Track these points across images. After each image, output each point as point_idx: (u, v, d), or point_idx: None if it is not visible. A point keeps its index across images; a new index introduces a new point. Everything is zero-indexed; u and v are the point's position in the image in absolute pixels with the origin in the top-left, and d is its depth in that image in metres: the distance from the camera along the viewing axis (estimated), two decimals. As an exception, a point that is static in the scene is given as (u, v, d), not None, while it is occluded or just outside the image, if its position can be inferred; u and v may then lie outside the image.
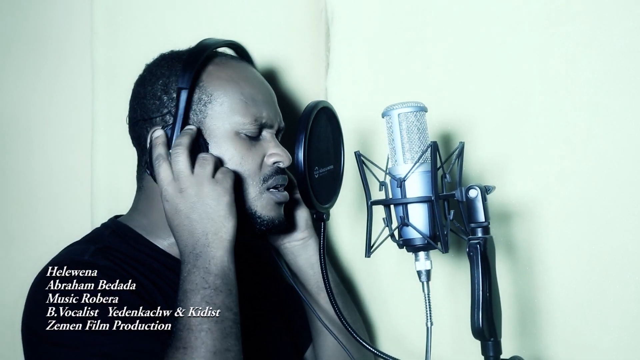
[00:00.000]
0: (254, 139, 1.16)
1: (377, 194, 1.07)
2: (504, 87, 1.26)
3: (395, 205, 1.03)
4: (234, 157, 1.13)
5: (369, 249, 1.06)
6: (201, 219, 1.04)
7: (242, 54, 1.29)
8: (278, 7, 1.48)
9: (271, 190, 1.16)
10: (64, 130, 1.68)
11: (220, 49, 1.25)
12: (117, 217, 1.22)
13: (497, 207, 1.24)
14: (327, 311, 1.23)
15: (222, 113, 1.14)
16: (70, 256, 1.09)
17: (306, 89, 1.46)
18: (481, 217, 0.95)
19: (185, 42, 1.41)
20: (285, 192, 1.20)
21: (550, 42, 1.21)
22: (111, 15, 1.55)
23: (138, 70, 1.31)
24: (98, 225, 1.23)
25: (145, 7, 1.53)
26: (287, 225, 1.22)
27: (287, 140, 1.44)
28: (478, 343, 0.92)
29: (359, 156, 1.07)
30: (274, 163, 1.17)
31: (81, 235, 1.20)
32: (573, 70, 1.19)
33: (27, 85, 1.70)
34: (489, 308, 0.90)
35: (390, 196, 1.06)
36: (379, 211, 1.07)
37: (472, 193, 0.95)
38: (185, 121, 1.12)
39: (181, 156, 1.06)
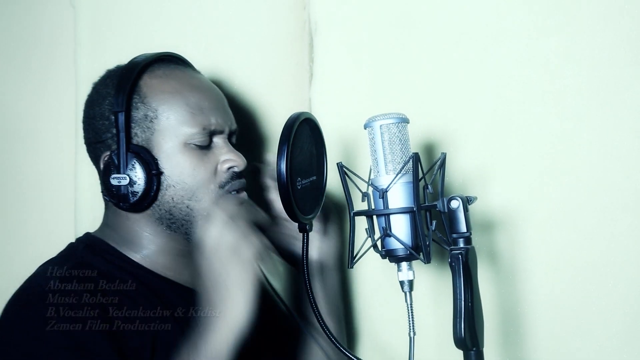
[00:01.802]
0: (205, 148, 1.17)
1: (360, 205, 1.08)
2: (486, 98, 1.26)
3: (378, 216, 1.04)
4: (185, 169, 1.14)
5: (352, 260, 1.06)
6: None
7: (182, 61, 1.28)
8: (261, 18, 1.48)
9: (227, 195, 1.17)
10: (49, 139, 1.68)
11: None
12: (89, 233, 1.22)
13: (480, 217, 1.24)
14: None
15: (169, 127, 1.14)
16: (33, 286, 1.08)
17: (290, 100, 1.46)
18: (463, 228, 0.95)
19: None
20: (244, 193, 1.21)
21: (532, 52, 1.22)
22: (95, 27, 1.55)
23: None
24: (82, 233, 1.24)
25: (130, 19, 1.53)
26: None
27: (270, 151, 1.44)
28: (461, 353, 0.93)
29: (341, 167, 1.08)
30: (229, 168, 1.18)
31: (65, 242, 1.20)
32: (555, 80, 1.20)
33: (12, 96, 1.69)
34: (471, 318, 0.91)
35: (373, 207, 1.06)
36: (361, 222, 1.07)
37: (454, 204, 0.96)
38: (129, 142, 1.12)
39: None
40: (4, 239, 1.70)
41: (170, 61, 1.24)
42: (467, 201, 0.97)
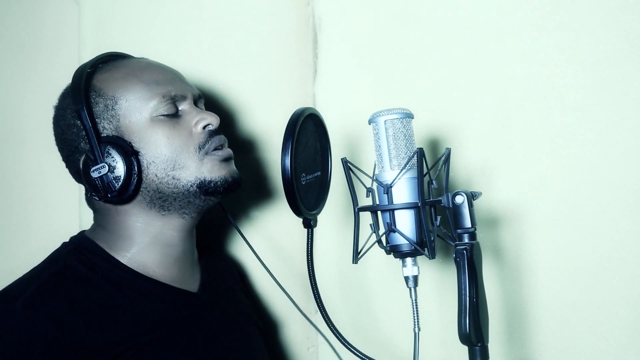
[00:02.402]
0: (173, 116, 1.16)
1: (364, 200, 1.08)
2: (490, 93, 1.26)
3: (382, 211, 1.04)
4: (160, 140, 1.13)
5: (357, 255, 1.06)
6: None
7: (127, 56, 1.28)
8: (265, 14, 1.48)
9: (211, 152, 1.17)
10: (52, 136, 1.68)
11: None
12: (83, 232, 1.22)
13: (484, 213, 1.24)
14: None
15: (131, 107, 1.14)
16: (3, 302, 1.05)
17: (294, 96, 1.46)
18: (468, 223, 0.95)
19: (172, 51, 1.42)
20: (228, 149, 1.20)
21: (536, 48, 1.22)
22: (99, 24, 1.55)
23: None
24: (86, 228, 1.24)
25: (132, 17, 1.53)
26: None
27: (274, 146, 1.44)
28: (465, 348, 0.93)
29: (345, 163, 1.08)
30: (204, 128, 1.18)
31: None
32: (559, 76, 1.20)
33: (16, 94, 1.69)
34: (476, 313, 0.91)
35: (377, 202, 1.06)
36: (366, 217, 1.07)
37: (459, 199, 0.96)
38: (98, 134, 1.12)
39: None
40: (9, 235, 1.70)
41: (116, 57, 1.25)
42: (471, 196, 0.97)
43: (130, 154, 1.11)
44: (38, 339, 0.98)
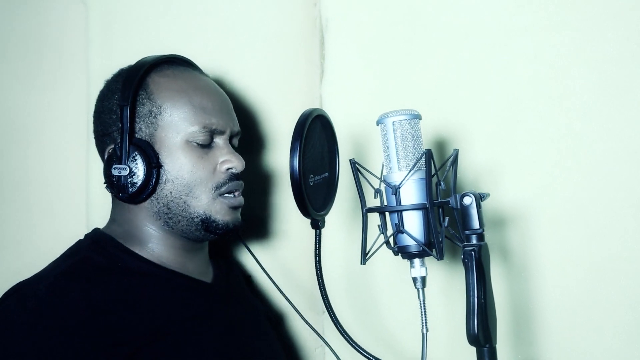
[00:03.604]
0: (206, 147, 1.19)
1: (372, 202, 1.08)
2: (497, 94, 1.26)
3: (390, 212, 1.04)
4: (185, 165, 1.16)
5: (365, 256, 1.06)
6: None
7: (190, 64, 1.31)
8: (272, 15, 1.48)
9: (225, 195, 1.19)
10: (60, 137, 1.69)
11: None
12: (97, 229, 1.24)
13: (492, 214, 1.24)
14: None
15: (172, 123, 1.17)
16: (22, 291, 1.06)
17: (301, 97, 1.47)
18: (476, 224, 0.95)
19: (179, 51, 1.42)
20: (241, 197, 1.23)
21: (543, 49, 1.22)
22: (106, 23, 1.55)
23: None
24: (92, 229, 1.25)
25: (140, 16, 1.53)
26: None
27: (282, 148, 1.44)
28: (473, 349, 0.93)
29: (353, 164, 1.08)
30: (227, 169, 1.20)
31: (78, 238, 1.21)
32: (566, 77, 1.20)
33: (24, 93, 1.70)
34: (484, 314, 0.91)
35: (385, 203, 1.06)
36: (374, 218, 1.07)
37: (467, 200, 0.96)
38: (132, 135, 1.15)
39: None
40: (17, 235, 1.70)
41: (179, 63, 1.27)
42: (479, 197, 0.97)
43: (154, 165, 1.15)
44: (62, 321, 1.00)
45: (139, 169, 1.13)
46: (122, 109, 1.14)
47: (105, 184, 1.18)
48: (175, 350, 1.08)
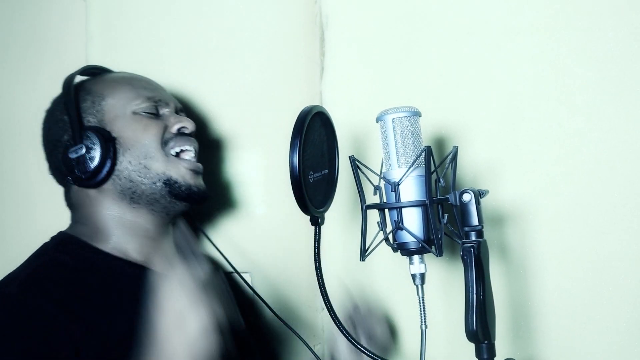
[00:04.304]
0: (153, 117, 1.24)
1: (372, 198, 1.08)
2: (497, 92, 1.26)
3: (390, 209, 1.04)
4: (137, 129, 1.20)
5: (364, 253, 1.06)
6: None
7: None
8: (273, 12, 1.48)
9: (181, 158, 1.23)
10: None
11: None
12: (62, 231, 1.24)
13: (491, 211, 1.24)
14: None
15: (117, 104, 1.22)
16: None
17: (301, 93, 1.47)
18: (475, 221, 0.95)
19: (179, 48, 1.42)
20: (199, 164, 1.27)
21: (544, 47, 1.22)
22: (106, 21, 1.55)
23: (133, 75, 1.31)
24: None
25: (140, 14, 1.53)
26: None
27: (282, 144, 1.44)
28: (472, 346, 0.93)
29: (353, 161, 1.08)
30: (178, 130, 1.24)
31: None
32: (566, 75, 1.20)
33: (23, 90, 1.70)
34: (483, 311, 0.91)
35: (385, 200, 1.06)
36: (373, 215, 1.08)
37: (466, 197, 0.96)
38: (81, 122, 1.20)
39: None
40: (16, 232, 1.71)
41: (104, 70, 1.34)
42: (479, 194, 0.97)
43: (108, 139, 1.17)
44: (36, 316, 1.01)
45: (95, 144, 1.16)
46: (67, 104, 1.19)
47: (65, 178, 1.20)
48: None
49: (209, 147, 1.49)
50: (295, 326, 1.46)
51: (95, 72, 1.32)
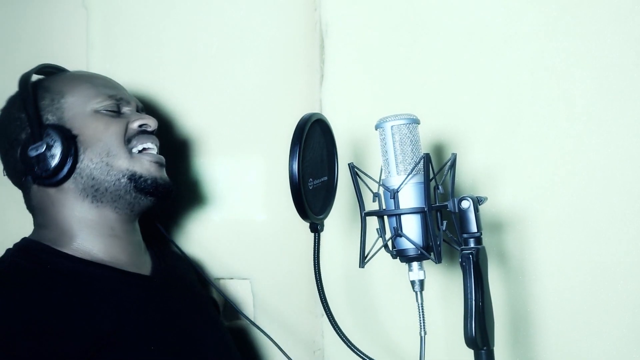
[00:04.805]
0: (114, 115, 1.22)
1: (371, 205, 1.08)
2: (496, 99, 1.27)
3: (389, 216, 1.04)
4: (98, 127, 1.19)
5: (363, 260, 1.06)
6: None
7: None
8: (273, 19, 1.49)
9: (143, 152, 1.22)
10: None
11: None
12: (25, 237, 1.21)
13: (490, 217, 1.25)
14: None
15: (77, 102, 1.20)
16: None
17: (300, 101, 1.47)
18: (473, 228, 0.96)
19: (179, 54, 1.43)
20: (160, 156, 1.26)
21: (542, 53, 1.22)
22: (107, 28, 1.56)
23: (134, 82, 1.32)
24: None
25: (141, 20, 1.54)
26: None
27: (281, 151, 1.45)
28: (471, 352, 0.93)
29: (352, 168, 1.08)
30: (140, 126, 1.23)
31: None
32: (565, 81, 1.20)
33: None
34: (482, 317, 0.91)
35: (384, 207, 1.07)
36: (372, 222, 1.08)
37: (465, 204, 0.96)
38: (40, 120, 1.17)
39: None
40: (19, 230, 1.71)
41: (60, 69, 1.32)
42: (477, 201, 0.97)
43: (69, 137, 1.15)
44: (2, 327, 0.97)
45: (56, 141, 1.14)
46: (25, 101, 1.16)
47: (24, 178, 1.19)
48: (119, 355, 1.06)
49: (209, 154, 1.50)
50: (294, 332, 1.47)
51: (50, 72, 1.30)
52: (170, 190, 1.25)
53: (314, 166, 1.07)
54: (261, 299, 1.46)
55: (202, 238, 1.51)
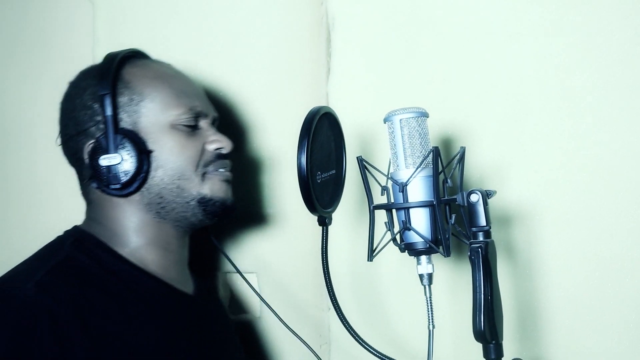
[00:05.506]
0: (191, 129, 1.18)
1: (379, 199, 1.08)
2: (504, 93, 1.27)
3: (397, 209, 1.04)
4: (174, 147, 1.15)
5: (371, 253, 1.06)
6: None
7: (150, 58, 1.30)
8: (279, 14, 1.48)
9: (212, 172, 1.19)
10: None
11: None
12: (77, 226, 1.20)
13: (498, 211, 1.25)
14: None
15: (156, 109, 1.15)
16: (8, 290, 1.01)
17: (307, 95, 1.47)
18: (482, 221, 0.96)
19: (186, 49, 1.43)
20: (230, 173, 1.23)
21: (549, 48, 1.22)
22: (113, 24, 1.56)
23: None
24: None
25: (147, 16, 1.54)
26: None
27: (289, 145, 1.45)
28: (479, 346, 0.93)
29: (361, 161, 1.08)
30: (216, 149, 1.20)
31: None
32: (572, 76, 1.20)
33: (31, 90, 1.70)
34: (491, 311, 0.91)
35: (392, 201, 1.06)
36: (381, 215, 1.08)
37: (474, 197, 0.96)
38: (117, 124, 1.12)
39: None
40: (22, 230, 1.71)
41: (144, 56, 1.27)
42: (486, 195, 0.97)
43: (144, 151, 1.12)
44: (49, 321, 0.96)
45: (131, 155, 1.11)
46: (103, 98, 1.11)
47: (88, 180, 1.15)
48: None
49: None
50: (301, 326, 1.47)
51: (136, 56, 1.24)
52: (234, 209, 1.23)
53: (322, 159, 1.07)
54: (268, 292, 1.46)
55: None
